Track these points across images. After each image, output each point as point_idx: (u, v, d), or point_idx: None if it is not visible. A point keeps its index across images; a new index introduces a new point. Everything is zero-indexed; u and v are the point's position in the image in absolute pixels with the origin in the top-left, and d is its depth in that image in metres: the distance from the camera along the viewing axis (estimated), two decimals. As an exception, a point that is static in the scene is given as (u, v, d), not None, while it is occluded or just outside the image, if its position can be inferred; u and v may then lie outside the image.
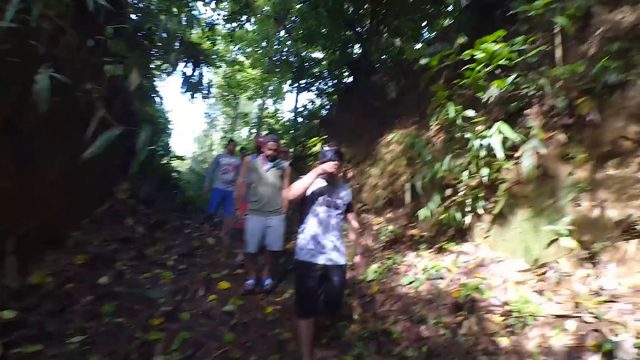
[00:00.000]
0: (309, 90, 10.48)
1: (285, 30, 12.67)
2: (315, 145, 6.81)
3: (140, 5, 3.46)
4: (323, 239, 2.61)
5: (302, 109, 11.10)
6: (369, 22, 8.56)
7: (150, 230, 4.89)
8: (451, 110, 3.52)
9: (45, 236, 3.09)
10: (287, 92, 17.11)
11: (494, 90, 3.43)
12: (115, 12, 2.91)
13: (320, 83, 10.31)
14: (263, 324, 3.16)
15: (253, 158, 4.14)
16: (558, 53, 3.42)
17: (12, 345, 2.09)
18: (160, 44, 3.99)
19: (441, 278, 3.40)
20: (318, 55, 12.01)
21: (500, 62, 3.29)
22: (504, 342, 2.50)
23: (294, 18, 11.90)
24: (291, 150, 9.59)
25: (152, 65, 4.98)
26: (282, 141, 11.57)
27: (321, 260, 2.57)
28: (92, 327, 2.59)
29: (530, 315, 2.53)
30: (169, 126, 9.63)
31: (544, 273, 2.92)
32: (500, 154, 3.18)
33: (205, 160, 19.52)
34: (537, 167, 3.18)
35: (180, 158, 10.01)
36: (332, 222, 2.67)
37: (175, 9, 3.60)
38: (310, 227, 2.63)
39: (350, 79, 9.40)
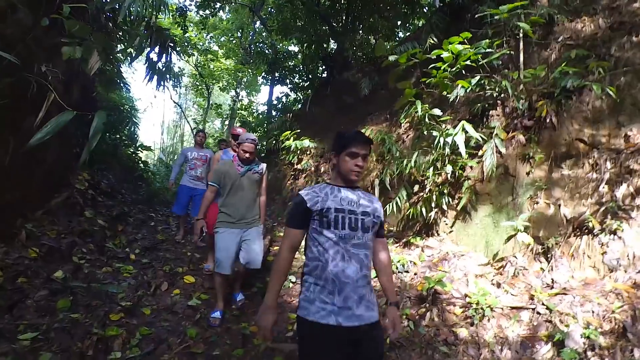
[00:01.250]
0: (283, 84, 10.38)
1: (260, 21, 12.44)
2: (288, 139, 6.77)
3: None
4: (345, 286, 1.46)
5: (276, 102, 10.98)
6: (345, 18, 8.57)
7: (111, 222, 4.67)
8: (419, 108, 3.61)
9: (-8, 228, 2.87)
10: (261, 84, 16.85)
11: (459, 90, 3.55)
12: (74, -9, 2.72)
13: (294, 77, 10.24)
14: (227, 318, 3.11)
15: (224, 156, 3.77)
16: (521, 57, 3.59)
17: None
18: (125, 27, 3.78)
19: (407, 271, 3.50)
20: (293, 48, 11.91)
21: (465, 63, 3.41)
22: (463, 332, 2.61)
23: (269, 9, 11.71)
24: (264, 143, 9.46)
25: (116, 50, 4.71)
26: (256, 134, 11.42)
27: (344, 320, 1.43)
28: (45, 323, 2.44)
29: (488, 306, 2.66)
30: (136, 115, 9.20)
31: (502, 267, 3.07)
32: (464, 152, 3.30)
33: (175, 152, 18.86)
34: (498, 165, 3.35)
35: (147, 149, 9.59)
36: (357, 254, 1.50)
37: (141, -10, 3.42)
38: (321, 265, 1.49)
39: (325, 74, 9.40)
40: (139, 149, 8.80)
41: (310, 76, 9.82)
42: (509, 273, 2.96)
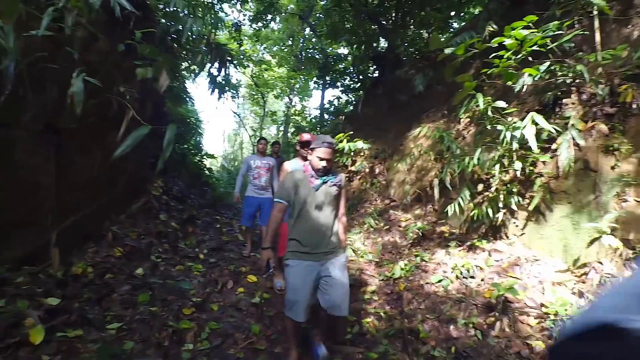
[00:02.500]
0: (334, 87, 10.44)
1: (310, 28, 12.70)
2: (341, 141, 6.79)
3: (168, 9, 3.61)
4: None
5: (328, 105, 11.08)
6: (394, 14, 8.37)
7: (182, 225, 5.09)
8: (480, 101, 3.37)
9: (85, 230, 3.31)
10: (313, 89, 17.16)
11: (526, 79, 3.24)
12: (144, 17, 3.06)
13: (345, 79, 10.25)
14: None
15: (295, 167, 2.99)
16: (597, 37, 3.17)
17: (55, 329, 2.26)
18: (188, 46, 4.14)
19: (472, 277, 3.28)
20: (343, 51, 11.94)
21: (531, 49, 3.10)
22: (539, 346, 2.37)
23: (318, 15, 11.90)
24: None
25: (181, 67, 5.16)
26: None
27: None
28: (128, 315, 2.74)
29: (569, 318, 2.38)
30: (200, 126, 9.97)
31: (584, 274, 2.73)
32: (534, 146, 3.00)
33: (236, 159, 20.01)
34: (576, 160, 2.98)
35: (211, 156, 10.34)
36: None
37: (200, 11, 3.71)
38: None
39: (376, 74, 9.26)
40: (204, 157, 9.50)
41: (361, 77, 9.76)
42: (593, 281, 2.61)
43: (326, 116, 11.45)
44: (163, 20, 4.22)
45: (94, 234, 3.45)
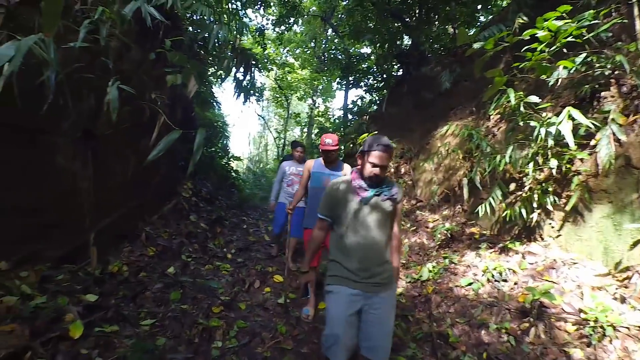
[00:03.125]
0: (357, 87, 10.37)
1: (332, 29, 12.70)
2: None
3: (195, 17, 3.74)
4: None
5: (352, 105, 11.03)
6: (418, 11, 8.20)
7: (211, 225, 5.24)
8: (512, 96, 3.23)
9: (120, 230, 3.48)
10: (336, 89, 17.15)
11: (561, 72, 3.08)
12: (173, 26, 3.19)
13: (369, 78, 10.15)
14: (315, 318, 3.21)
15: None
16: (637, 25, 2.96)
17: (93, 325, 2.39)
18: (214, 52, 4.27)
19: (504, 280, 3.16)
20: (366, 50, 11.86)
21: (566, 40, 2.94)
22: (577, 353, 2.25)
23: (340, 15, 11.88)
24: (342, 147, 9.57)
25: (208, 73, 5.32)
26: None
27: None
28: (161, 312, 2.85)
29: (610, 325, 2.24)
30: (226, 129, 10.23)
31: (627, 278, 2.56)
32: (571, 142, 2.84)
33: (261, 160, 20.35)
34: (616, 156, 2.80)
35: (238, 159, 10.58)
36: None
37: (226, 18, 3.81)
38: None
39: (400, 72, 9.11)
40: (231, 159, 9.73)
41: (384, 76, 9.63)
42: (637, 286, 2.44)
43: (349, 116, 11.39)
44: (190, 29, 4.39)
45: (128, 234, 3.62)
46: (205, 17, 3.11)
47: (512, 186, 3.67)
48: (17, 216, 2.51)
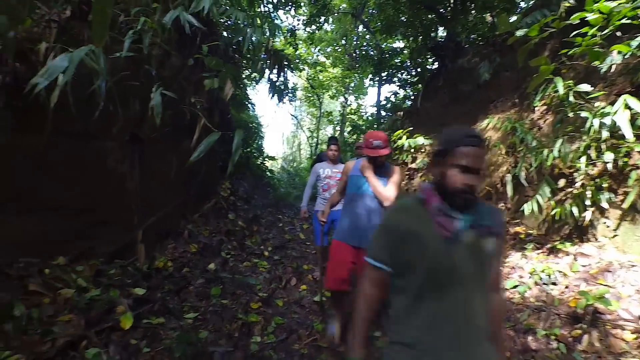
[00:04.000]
0: (391, 82, 10.17)
1: (363, 25, 12.55)
2: (400, 138, 6.59)
3: (229, 22, 3.86)
4: None
5: (385, 102, 10.85)
6: (453, 0, 7.87)
7: (248, 223, 5.40)
8: (560, 86, 3.01)
9: (165, 228, 3.69)
10: (368, 86, 16.94)
11: (615, 58, 2.81)
12: (209, 32, 3.32)
13: (402, 73, 9.91)
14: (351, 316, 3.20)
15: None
16: None
17: (141, 317, 2.55)
18: (248, 55, 4.39)
19: (554, 283, 2.96)
20: (399, 45, 11.59)
21: (620, 22, 2.68)
22: (639, 363, 2.05)
23: (370, 11, 11.71)
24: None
25: (243, 76, 5.48)
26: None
27: None
28: (202, 306, 2.99)
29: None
30: (261, 130, 10.48)
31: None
32: (629, 134, 2.60)
33: (295, 159, 20.61)
34: (686, 147, 2.51)
35: (272, 158, 10.81)
36: None
37: (259, 21, 3.90)
38: None
39: (435, 65, 8.80)
40: (266, 159, 9.96)
41: (419, 70, 9.35)
42: None
43: (383, 113, 11.21)
44: (225, 33, 4.55)
45: (172, 232, 3.83)
46: (239, 22, 3.20)
47: (562, 182, 3.42)
48: (73, 215, 2.74)
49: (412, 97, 9.32)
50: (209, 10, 2.78)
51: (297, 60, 13.85)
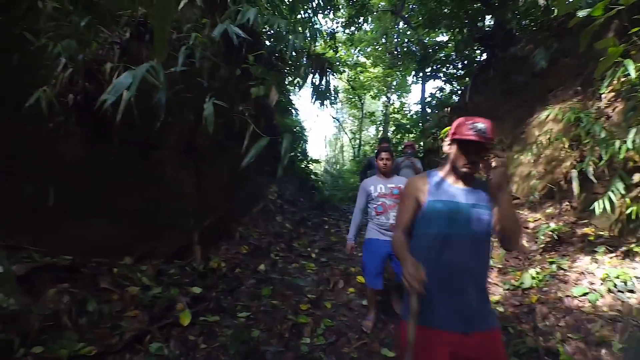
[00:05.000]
0: (436, 78, 9.79)
1: (404, 21, 12.24)
2: (448, 135, 6.32)
3: (272, 31, 4.01)
4: None
5: (430, 98, 10.48)
6: (502, -14, 7.38)
7: (295, 226, 5.51)
8: (631, 69, 2.69)
9: (218, 230, 3.89)
10: (411, 83, 16.48)
11: None
12: (254, 42, 3.45)
13: (448, 67, 9.50)
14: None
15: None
16: None
17: (198, 314, 2.70)
18: (290, 61, 4.50)
19: (631, 291, 2.64)
20: (442, 38, 11.15)
21: None
22: None
23: (411, 6, 11.40)
24: (421, 144, 9.16)
25: (286, 82, 5.62)
26: (411, 136, 11.20)
27: None
28: (254, 306, 3.10)
29: None
30: (304, 134, 10.66)
31: None
32: None
33: (337, 161, 20.66)
34: None
35: (316, 161, 10.93)
36: None
37: (300, 28, 4.00)
38: None
39: (484, 56, 8.31)
40: (310, 162, 10.10)
41: (466, 62, 8.90)
42: None
43: (428, 110, 10.83)
44: (267, 43, 4.71)
45: (225, 234, 4.03)
46: (281, 30, 3.30)
47: (637, 177, 3.05)
48: (137, 219, 3.00)
49: (460, 92, 8.89)
50: (254, 21, 2.90)
51: (337, 63, 13.90)
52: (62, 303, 2.22)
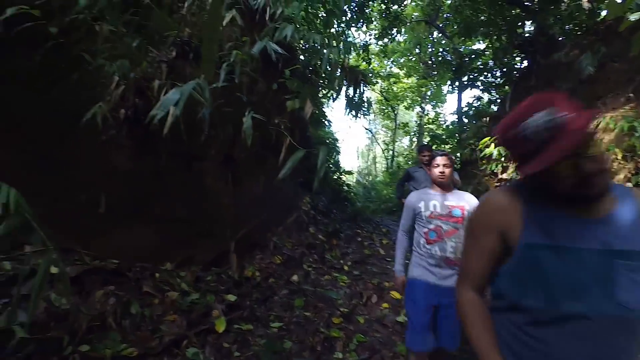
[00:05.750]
0: (473, 87, 9.51)
1: (438, 30, 12.08)
2: (488, 146, 6.09)
3: (306, 45, 4.13)
4: None
5: (467, 108, 10.17)
6: (542, -11, 7.09)
7: (328, 237, 5.49)
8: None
9: (253, 240, 3.97)
10: (446, 93, 16.11)
11: None
12: (290, 57, 3.57)
13: (486, 76, 9.20)
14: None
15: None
16: None
17: (233, 322, 2.74)
18: (324, 74, 4.59)
19: None
20: (479, 46, 10.86)
21: None
22: None
23: (445, 15, 11.25)
24: (458, 155, 8.85)
25: (320, 94, 5.72)
26: (447, 147, 10.88)
27: None
28: (287, 316, 3.10)
29: None
30: (337, 145, 10.71)
31: None
32: None
33: (370, 172, 20.48)
34: None
35: (349, 173, 10.91)
36: None
37: (334, 42, 4.08)
38: None
39: (525, 63, 7.97)
40: (342, 173, 10.10)
41: (505, 70, 8.57)
42: None
43: (465, 120, 10.50)
44: (302, 57, 4.84)
45: (259, 244, 4.11)
46: (315, 44, 3.39)
47: None
48: (178, 226, 3.13)
49: (499, 101, 8.56)
50: (290, 37, 3.00)
51: (370, 74, 13.94)
52: (108, 305, 2.35)
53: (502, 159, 5.89)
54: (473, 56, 9.69)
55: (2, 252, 2.17)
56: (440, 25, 11.69)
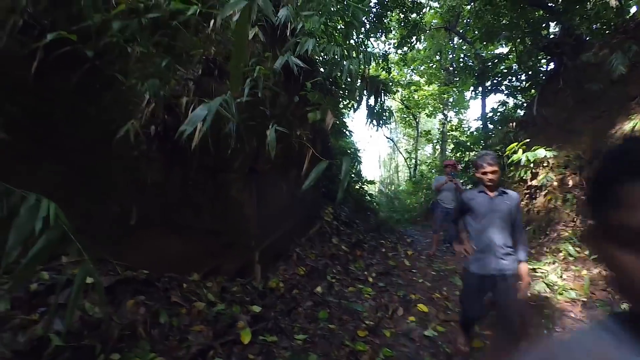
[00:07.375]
0: (497, 92, 9.28)
1: (459, 36, 11.95)
2: (515, 152, 5.89)
3: (326, 57, 4.19)
4: None
5: (492, 113, 9.91)
6: (568, -10, 6.89)
7: (351, 248, 5.43)
8: None
9: (277, 250, 3.99)
10: (469, 99, 15.80)
11: None
12: (310, 69, 3.63)
13: (510, 80, 8.97)
14: (469, 358, 2.85)
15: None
16: None
17: (257, 333, 2.74)
18: (345, 85, 4.62)
19: None
20: (502, 50, 10.63)
21: None
22: None
23: (466, 20, 11.13)
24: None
25: (340, 105, 5.76)
26: (472, 154, 10.60)
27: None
28: (311, 328, 3.07)
29: None
30: (358, 155, 10.67)
31: None
32: None
33: (392, 182, 20.21)
34: None
35: (371, 182, 10.82)
36: None
37: (353, 53, 4.12)
38: None
39: (551, 66, 7.72)
40: (364, 183, 10.03)
41: (530, 73, 8.33)
42: None
43: (490, 126, 10.22)
44: (322, 69, 4.91)
45: (283, 254, 4.12)
46: (335, 56, 3.44)
47: None
48: (205, 237, 3.20)
49: (526, 105, 8.30)
50: (312, 50, 3.06)
51: (391, 83, 13.92)
52: (139, 314, 2.41)
53: (531, 165, 5.68)
54: (496, 60, 9.50)
55: (41, 262, 2.29)
56: (461, 31, 11.56)
